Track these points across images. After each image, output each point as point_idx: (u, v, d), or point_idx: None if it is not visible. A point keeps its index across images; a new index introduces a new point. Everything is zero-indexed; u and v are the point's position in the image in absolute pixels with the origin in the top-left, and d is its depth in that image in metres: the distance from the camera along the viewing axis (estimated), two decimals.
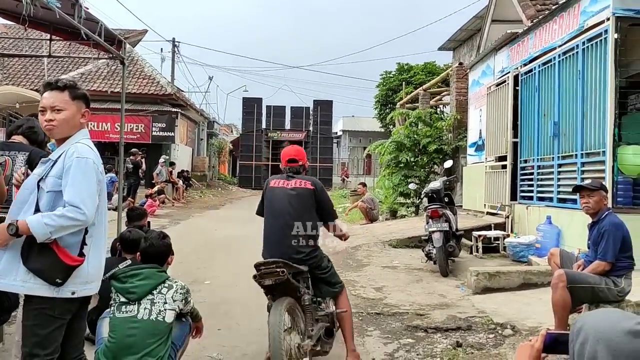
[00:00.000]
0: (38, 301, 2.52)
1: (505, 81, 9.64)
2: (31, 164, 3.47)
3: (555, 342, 1.89)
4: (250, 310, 5.49)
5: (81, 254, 2.58)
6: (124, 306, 3.25)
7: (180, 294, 3.35)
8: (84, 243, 2.60)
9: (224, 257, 8.57)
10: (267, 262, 3.66)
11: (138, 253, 4.13)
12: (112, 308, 3.30)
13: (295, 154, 4.02)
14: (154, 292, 3.29)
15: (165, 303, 3.27)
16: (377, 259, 8.43)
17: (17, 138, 4.02)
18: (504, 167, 9.49)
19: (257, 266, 3.64)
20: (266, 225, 3.93)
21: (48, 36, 7.36)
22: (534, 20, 8.83)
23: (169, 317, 3.26)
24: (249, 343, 4.50)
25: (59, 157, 2.62)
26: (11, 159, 3.74)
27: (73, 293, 2.56)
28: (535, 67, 8.54)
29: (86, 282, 2.61)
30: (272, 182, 3.97)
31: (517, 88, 9.26)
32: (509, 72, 9.53)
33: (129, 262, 4.07)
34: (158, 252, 3.53)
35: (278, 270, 3.53)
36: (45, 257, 2.48)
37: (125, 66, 6.96)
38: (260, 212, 4.09)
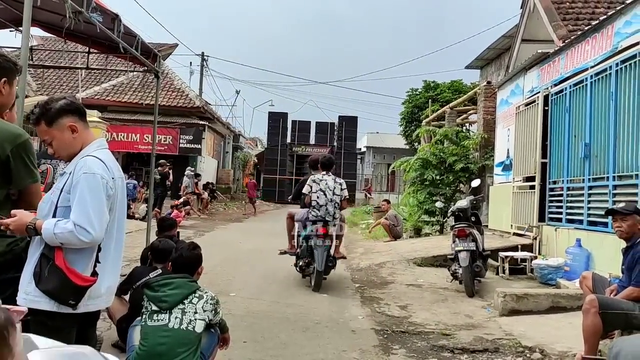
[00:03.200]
0: (38, 313, 2.46)
1: (534, 101, 9.56)
2: None
3: None
4: (275, 323, 5.51)
5: (94, 273, 2.54)
6: (155, 315, 3.29)
7: (211, 304, 3.39)
8: (97, 261, 2.55)
9: (248, 269, 8.61)
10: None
11: (168, 262, 4.21)
12: (144, 316, 3.34)
13: None
14: (185, 301, 3.32)
15: (196, 313, 3.31)
16: (401, 277, 8.37)
17: None
18: (532, 187, 9.37)
19: None
20: None
21: (83, 48, 7.58)
22: (566, 41, 8.78)
23: (199, 327, 3.30)
24: (274, 356, 4.51)
25: (72, 171, 2.59)
26: (52, 167, 3.84)
27: (75, 308, 2.50)
28: (566, 88, 8.47)
29: (89, 297, 2.54)
30: None
31: (546, 108, 9.18)
32: (539, 92, 9.46)
33: (159, 271, 4.15)
34: (188, 262, 3.57)
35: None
36: (55, 278, 2.44)
37: (160, 79, 7.10)
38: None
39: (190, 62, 33.23)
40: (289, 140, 35.22)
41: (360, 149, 39.13)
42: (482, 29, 69.86)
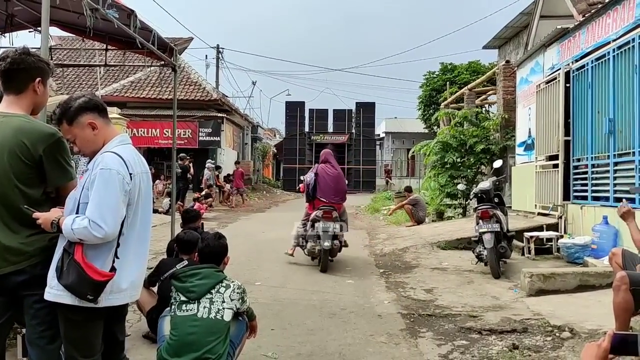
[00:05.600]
0: (62, 307, 2.55)
1: (555, 78, 9.39)
2: None
3: (624, 343, 1.84)
4: (301, 310, 5.56)
5: (112, 269, 2.55)
6: (184, 305, 3.34)
7: (237, 293, 3.43)
8: (115, 256, 2.57)
9: (272, 258, 8.67)
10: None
11: (194, 253, 4.26)
12: (173, 307, 3.39)
13: None
14: (212, 291, 3.37)
15: (224, 302, 3.35)
16: (425, 261, 8.36)
17: None
18: (556, 166, 9.24)
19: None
20: None
21: (101, 46, 7.66)
22: (586, 15, 8.58)
23: (227, 315, 3.34)
24: (303, 343, 4.55)
25: (91, 167, 2.63)
26: (75, 161, 3.89)
27: (96, 303, 2.53)
28: (587, 63, 8.30)
29: (111, 291, 2.56)
30: None
31: (568, 85, 9.00)
32: (560, 68, 9.28)
33: (185, 262, 4.19)
34: (214, 252, 3.61)
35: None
36: (73, 273, 2.48)
37: (177, 73, 7.14)
38: None
39: (206, 56, 33.42)
40: (307, 129, 35.20)
41: (378, 135, 38.93)
42: (499, 7, 68.64)
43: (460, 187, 11.31)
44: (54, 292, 2.54)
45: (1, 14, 5.99)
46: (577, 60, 8.80)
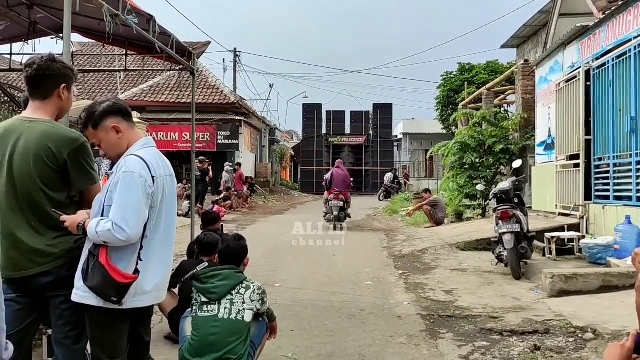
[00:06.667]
0: (88, 308, 2.60)
1: (575, 77, 9.28)
2: None
3: None
4: (320, 311, 5.57)
5: (136, 271, 2.58)
6: (205, 306, 3.38)
7: (258, 294, 3.45)
8: (139, 259, 2.60)
9: (291, 260, 8.70)
10: None
11: (214, 255, 4.30)
12: (194, 308, 3.43)
13: None
14: (233, 292, 3.40)
15: (244, 303, 3.38)
16: (445, 262, 8.31)
17: None
18: (577, 165, 9.13)
19: None
20: None
21: (120, 51, 7.77)
22: (606, 12, 8.47)
23: (248, 316, 3.37)
24: (322, 344, 4.56)
25: (115, 171, 2.68)
26: (97, 164, 3.95)
27: (121, 304, 2.57)
28: (608, 61, 8.19)
29: (135, 293, 2.60)
30: None
31: (588, 83, 8.90)
32: (580, 67, 9.17)
33: (206, 264, 4.23)
34: (235, 254, 3.64)
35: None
36: (98, 275, 2.52)
37: (196, 77, 7.21)
38: None
39: (224, 59, 33.64)
40: (324, 131, 35.23)
41: (396, 136, 38.78)
42: (517, 6, 67.97)
43: (479, 187, 11.21)
44: (80, 293, 2.59)
45: (24, 21, 6.11)
46: (597, 59, 8.69)
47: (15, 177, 2.68)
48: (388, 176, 28.10)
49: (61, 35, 6.50)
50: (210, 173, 17.30)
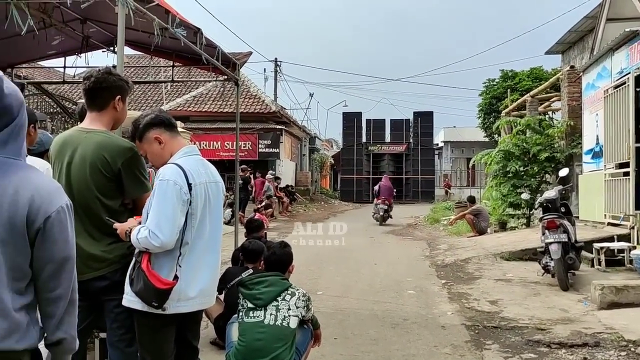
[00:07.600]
0: (135, 312, 2.71)
1: (625, 82, 9.00)
2: None
3: None
4: (363, 320, 5.57)
5: (175, 277, 2.64)
6: (251, 312, 3.43)
7: (303, 301, 3.49)
8: (178, 265, 2.66)
9: (333, 268, 8.72)
10: None
11: (259, 262, 4.37)
12: (240, 313, 3.49)
13: None
14: (278, 298, 3.44)
15: (289, 309, 3.42)
16: (488, 272, 8.17)
17: None
18: (627, 174, 8.83)
19: None
20: None
21: (166, 63, 7.98)
22: None
23: (293, 323, 3.41)
24: (366, 352, 4.56)
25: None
26: (154, 170, 4.07)
27: (163, 310, 2.64)
28: None
29: (179, 299, 2.66)
30: None
31: (638, 89, 8.62)
32: (629, 72, 8.89)
33: (251, 270, 4.31)
34: (280, 260, 3.69)
35: None
36: (140, 281, 2.62)
37: (240, 87, 7.35)
38: None
39: (265, 69, 34.06)
40: (364, 139, 35.18)
41: (437, 144, 38.42)
42: (561, 12, 66.39)
43: (524, 196, 10.99)
44: (128, 297, 2.70)
45: (78, 35, 6.37)
46: None
47: (72, 185, 2.81)
48: None
49: (112, 48, 6.77)
50: (252, 181, 17.52)
